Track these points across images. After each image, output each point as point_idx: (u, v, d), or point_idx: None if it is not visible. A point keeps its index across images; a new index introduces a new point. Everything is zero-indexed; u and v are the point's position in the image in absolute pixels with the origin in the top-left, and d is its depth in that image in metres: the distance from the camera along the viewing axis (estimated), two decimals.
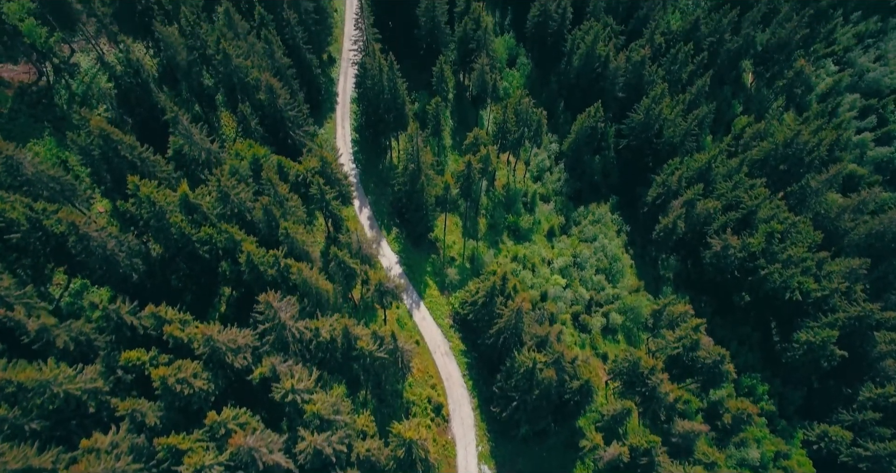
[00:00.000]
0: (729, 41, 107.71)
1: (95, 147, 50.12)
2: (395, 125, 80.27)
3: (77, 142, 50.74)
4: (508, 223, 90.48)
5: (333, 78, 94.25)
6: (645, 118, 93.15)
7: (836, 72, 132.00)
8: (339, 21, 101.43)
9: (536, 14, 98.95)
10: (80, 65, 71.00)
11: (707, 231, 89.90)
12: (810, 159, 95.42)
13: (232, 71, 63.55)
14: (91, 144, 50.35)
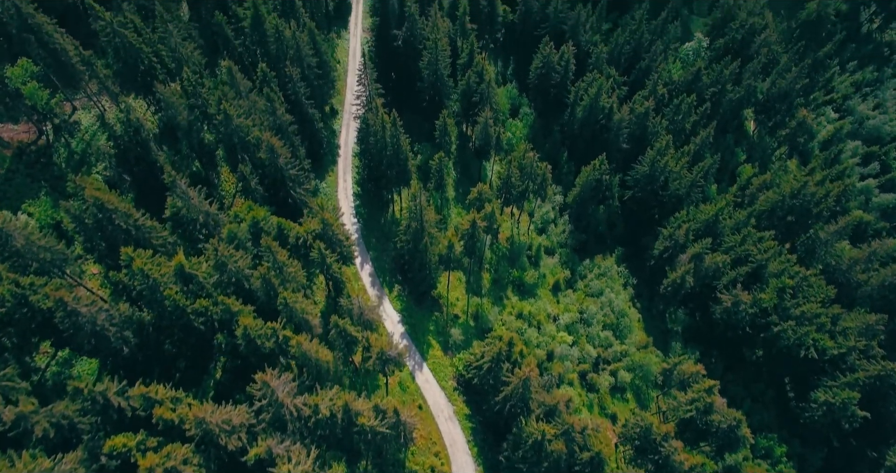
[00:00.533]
0: (731, 91, 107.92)
1: (89, 216, 48.58)
2: (397, 180, 79.15)
3: (70, 210, 49.24)
4: (513, 278, 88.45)
5: (336, 129, 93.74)
6: (650, 170, 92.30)
7: (836, 119, 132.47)
8: (342, 72, 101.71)
9: (539, 66, 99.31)
10: (81, 122, 70.32)
11: (716, 285, 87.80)
12: (818, 211, 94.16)
13: (233, 130, 62.68)
14: (85, 213, 48.83)
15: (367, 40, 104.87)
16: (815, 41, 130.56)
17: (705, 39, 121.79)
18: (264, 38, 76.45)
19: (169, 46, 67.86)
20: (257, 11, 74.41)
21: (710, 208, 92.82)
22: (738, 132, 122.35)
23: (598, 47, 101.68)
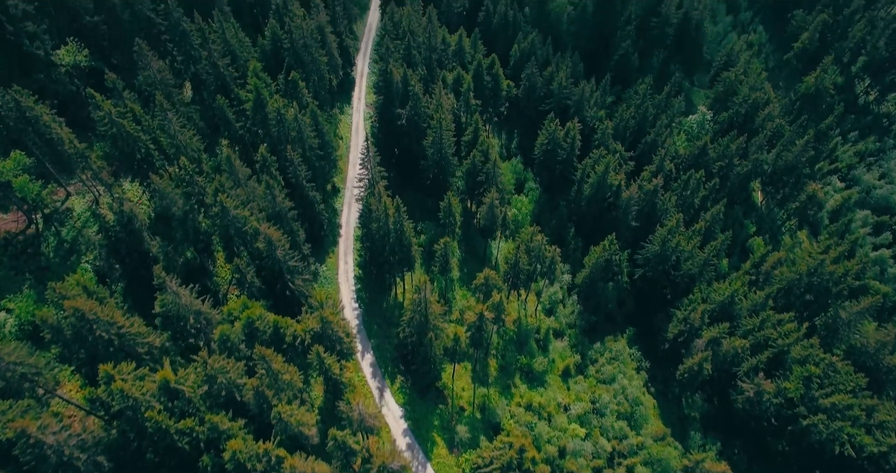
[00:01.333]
0: (738, 165, 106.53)
1: (68, 326, 44.93)
2: (400, 265, 75.98)
3: (47, 321, 45.64)
4: (521, 365, 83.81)
5: (337, 208, 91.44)
6: (661, 250, 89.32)
7: (842, 188, 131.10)
8: (345, 148, 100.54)
9: (544, 142, 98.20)
10: (74, 209, 67.80)
11: (736, 372, 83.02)
12: (838, 290, 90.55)
13: (229, 222, 59.95)
14: (63, 322, 45.21)
15: (370, 116, 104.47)
16: (816, 113, 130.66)
17: (709, 112, 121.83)
18: (266, 120, 75.12)
19: (168, 134, 66.21)
20: (259, 94, 73.36)
21: (725, 289, 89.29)
22: (746, 204, 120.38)
23: (604, 123, 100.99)
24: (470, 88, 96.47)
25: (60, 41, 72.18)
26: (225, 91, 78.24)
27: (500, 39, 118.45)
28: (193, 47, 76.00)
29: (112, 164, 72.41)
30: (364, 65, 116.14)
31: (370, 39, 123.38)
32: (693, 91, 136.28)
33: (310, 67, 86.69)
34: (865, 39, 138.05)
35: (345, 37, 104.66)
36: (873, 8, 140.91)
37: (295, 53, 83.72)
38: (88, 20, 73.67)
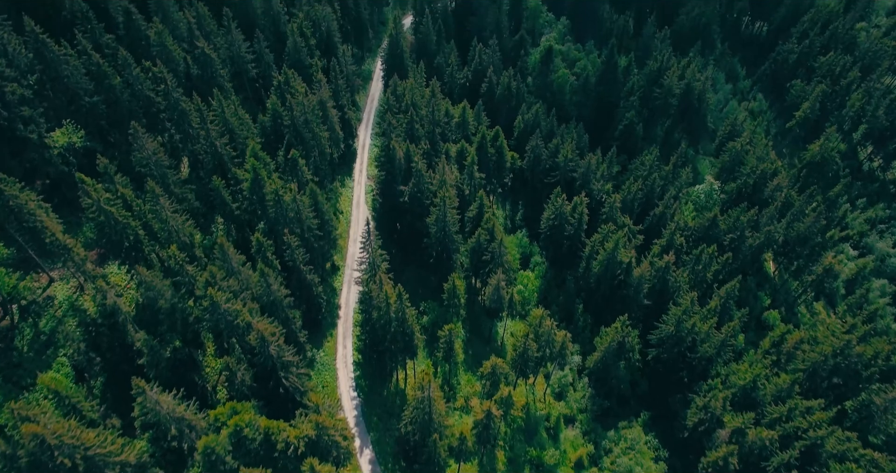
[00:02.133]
0: (750, 237, 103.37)
1: (24, 453, 39.97)
2: (402, 352, 71.32)
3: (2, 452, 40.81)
4: (531, 458, 77.67)
5: (336, 288, 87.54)
6: (676, 331, 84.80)
7: (856, 256, 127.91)
8: (345, 223, 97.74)
9: (551, 217, 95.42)
10: (56, 297, 63.88)
11: (766, 467, 76.67)
12: (868, 374, 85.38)
13: (220, 316, 55.94)
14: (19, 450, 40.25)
15: (372, 189, 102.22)
16: (823, 180, 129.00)
17: (716, 183, 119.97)
18: (263, 201, 72.39)
19: (160, 218, 63.20)
20: (257, 175, 70.89)
21: (746, 372, 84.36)
22: (758, 275, 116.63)
23: (612, 197, 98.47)
24: (474, 161, 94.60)
25: (56, 123, 70.50)
26: (222, 170, 75.96)
27: (504, 110, 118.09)
28: (192, 126, 74.29)
29: (100, 246, 69.05)
30: (366, 136, 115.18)
31: (373, 109, 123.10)
32: (698, 159, 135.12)
33: (310, 144, 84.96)
34: (864, 108, 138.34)
35: (347, 109, 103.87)
36: (868, 79, 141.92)
37: (295, 130, 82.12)
38: (87, 101, 72.21)
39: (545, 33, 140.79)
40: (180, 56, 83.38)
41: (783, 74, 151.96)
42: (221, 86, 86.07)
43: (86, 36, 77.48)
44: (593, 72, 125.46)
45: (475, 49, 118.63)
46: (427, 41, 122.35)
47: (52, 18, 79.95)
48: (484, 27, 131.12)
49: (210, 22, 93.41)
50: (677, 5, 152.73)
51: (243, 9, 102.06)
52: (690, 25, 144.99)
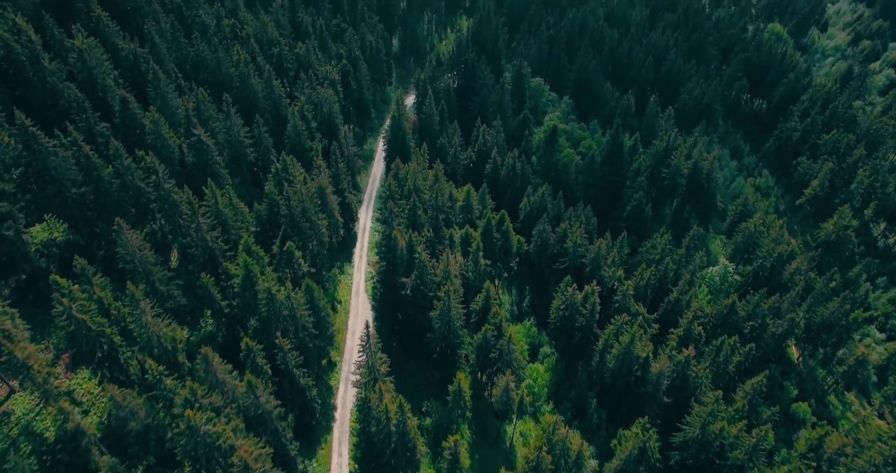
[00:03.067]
0: (772, 325, 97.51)
1: None
2: (403, 468, 64.02)
3: None
4: None
5: (332, 386, 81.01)
6: (702, 435, 77.45)
7: (883, 340, 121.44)
8: (343, 314, 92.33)
9: (561, 307, 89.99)
10: (14, 412, 57.52)
11: None
12: None
13: (199, 440, 49.57)
14: None
15: (372, 275, 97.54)
16: (840, 260, 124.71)
17: (731, 265, 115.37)
18: (255, 299, 67.40)
19: (139, 324, 57.98)
20: (249, 272, 66.31)
21: None
22: (781, 361, 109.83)
23: (624, 284, 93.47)
24: (479, 248, 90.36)
25: (38, 217, 66.73)
26: (213, 264, 71.47)
27: (508, 191, 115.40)
28: (182, 218, 70.45)
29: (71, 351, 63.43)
30: (367, 218, 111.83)
31: (374, 190, 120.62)
32: (709, 238, 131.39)
33: (307, 234, 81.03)
34: (873, 185, 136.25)
35: (347, 193, 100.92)
36: (874, 156, 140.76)
37: (292, 220, 78.41)
38: (74, 192, 68.82)
39: (548, 112, 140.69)
40: (176, 144, 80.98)
41: (787, 151, 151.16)
42: (217, 174, 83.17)
43: (80, 125, 75.58)
44: (598, 151, 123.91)
45: (479, 130, 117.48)
46: (430, 121, 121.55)
47: (48, 107, 78.25)
48: (487, 107, 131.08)
49: (210, 106, 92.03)
50: (677, 84, 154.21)
51: (244, 92, 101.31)
52: (693, 104, 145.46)
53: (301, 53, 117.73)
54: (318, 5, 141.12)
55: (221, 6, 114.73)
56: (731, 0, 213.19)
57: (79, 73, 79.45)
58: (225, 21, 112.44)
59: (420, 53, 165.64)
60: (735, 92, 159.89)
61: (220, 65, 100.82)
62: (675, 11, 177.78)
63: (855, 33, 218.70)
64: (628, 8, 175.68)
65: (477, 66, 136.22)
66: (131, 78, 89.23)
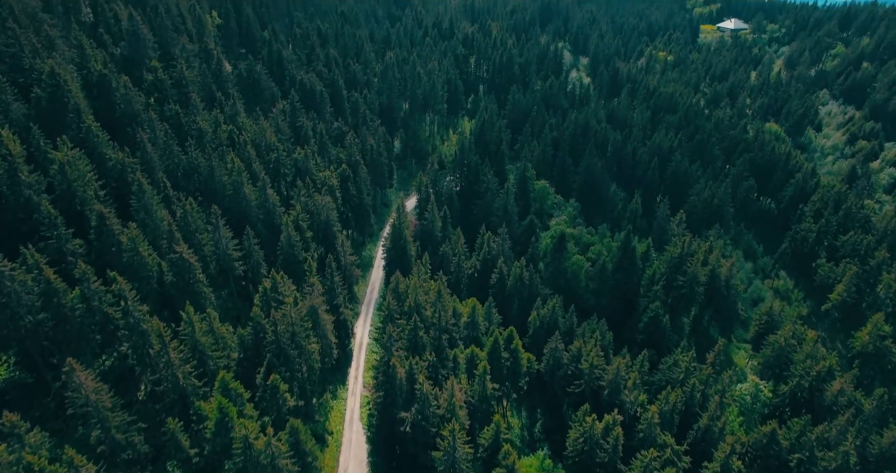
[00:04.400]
0: (822, 458, 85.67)
1: None
2: None
3: None
4: None
5: None
6: None
7: None
8: (335, 446, 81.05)
9: (579, 440, 79.22)
10: None
11: None
12: None
13: None
14: None
15: (368, 401, 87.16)
16: (882, 373, 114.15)
17: (762, 383, 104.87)
18: (229, 446, 57.43)
19: None
20: (224, 416, 56.90)
21: None
22: None
23: (648, 411, 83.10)
24: (486, 371, 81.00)
25: None
26: (184, 404, 62.09)
27: (516, 302, 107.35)
28: (152, 349, 62.03)
29: None
30: (364, 333, 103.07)
31: (372, 300, 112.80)
32: (732, 348, 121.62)
33: (296, 362, 72.18)
34: None
35: (343, 308, 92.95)
36: None
37: (279, 348, 69.96)
38: (30, 320, 60.92)
39: (555, 215, 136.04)
40: (154, 262, 74.24)
41: (804, 252, 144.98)
42: (198, 293, 75.75)
43: (51, 243, 69.29)
44: (609, 258, 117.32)
45: (483, 237, 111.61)
46: (432, 227, 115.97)
47: (20, 221, 72.51)
48: (491, 211, 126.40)
49: (197, 217, 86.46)
50: (684, 184, 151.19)
51: (236, 200, 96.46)
52: (703, 206, 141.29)
53: (299, 158, 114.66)
54: (320, 109, 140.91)
55: (221, 112, 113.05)
56: (727, 102, 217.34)
57: (58, 185, 74.43)
58: (223, 127, 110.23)
59: (422, 155, 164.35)
60: (743, 192, 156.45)
61: (214, 172, 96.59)
62: (675, 113, 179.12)
63: (850, 134, 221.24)
64: (629, 110, 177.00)
65: (480, 168, 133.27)
66: (116, 189, 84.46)
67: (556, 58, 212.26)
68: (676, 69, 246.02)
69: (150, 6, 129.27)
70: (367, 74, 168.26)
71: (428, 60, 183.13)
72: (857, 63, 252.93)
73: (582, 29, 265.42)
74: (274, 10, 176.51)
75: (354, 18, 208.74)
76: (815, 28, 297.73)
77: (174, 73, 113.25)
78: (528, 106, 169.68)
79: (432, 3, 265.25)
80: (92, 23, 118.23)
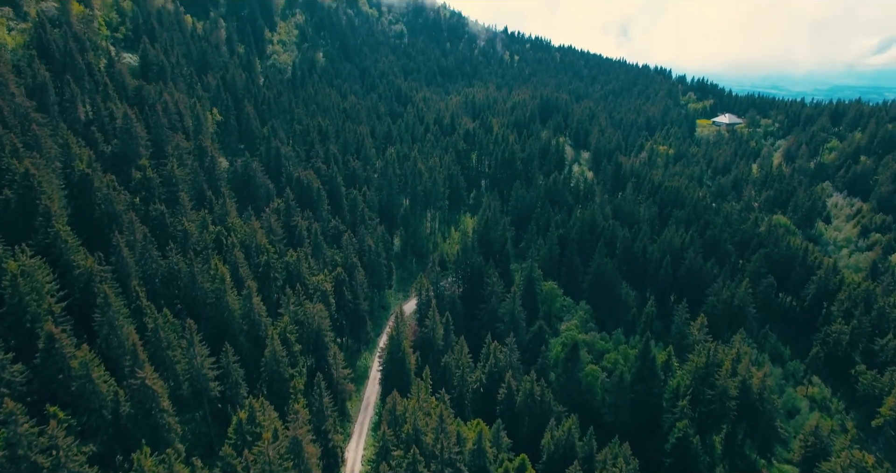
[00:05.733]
0: None
1: None
2: None
3: None
4: None
5: None
6: None
7: None
8: None
9: None
10: None
11: None
12: None
13: None
14: None
15: None
16: None
17: None
18: None
19: None
20: None
21: None
22: None
23: None
24: None
25: None
26: None
27: (526, 421, 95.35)
28: None
29: None
30: (357, 458, 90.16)
31: (367, 418, 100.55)
32: (775, 472, 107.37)
33: None
34: None
35: (333, 433, 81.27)
36: None
37: None
38: None
39: (564, 319, 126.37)
40: (110, 390, 64.10)
41: (837, 356, 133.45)
42: (161, 426, 64.91)
43: None
44: (627, 368, 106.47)
45: (489, 347, 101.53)
46: (433, 335, 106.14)
47: None
48: (497, 317, 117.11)
49: (171, 331, 77.32)
50: (700, 283, 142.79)
51: (218, 309, 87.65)
52: (723, 307, 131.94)
53: (291, 262, 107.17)
54: (316, 207, 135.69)
55: (209, 213, 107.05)
56: (733, 195, 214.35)
57: (8, 300, 65.86)
58: (210, 228, 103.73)
59: (423, 253, 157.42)
60: (763, 290, 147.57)
61: (195, 279, 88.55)
62: (682, 207, 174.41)
63: (861, 226, 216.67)
64: (635, 205, 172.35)
65: (484, 270, 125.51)
66: (81, 301, 75.89)
67: (558, 152, 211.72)
68: (679, 163, 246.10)
69: (148, 105, 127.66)
70: (366, 171, 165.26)
71: (429, 156, 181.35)
72: (855, 156, 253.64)
73: (582, 124, 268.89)
74: (276, 108, 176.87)
75: (356, 115, 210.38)
76: (808, 123, 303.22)
77: (164, 171, 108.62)
78: (532, 202, 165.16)
79: (433, 100, 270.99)
80: (87, 121, 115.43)
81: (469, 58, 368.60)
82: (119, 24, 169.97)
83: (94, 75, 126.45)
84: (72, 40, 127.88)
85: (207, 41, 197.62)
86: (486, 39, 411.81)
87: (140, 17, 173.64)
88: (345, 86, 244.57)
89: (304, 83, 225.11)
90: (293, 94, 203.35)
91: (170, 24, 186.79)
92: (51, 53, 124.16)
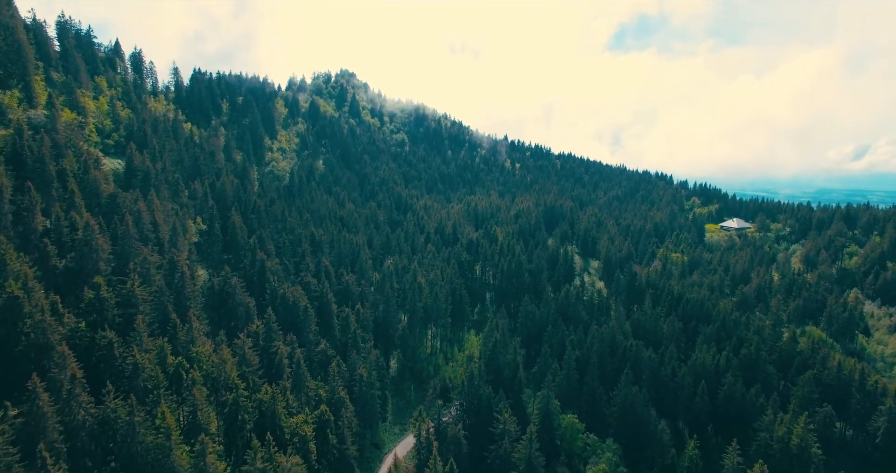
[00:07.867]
0: None
1: None
2: None
3: None
4: None
5: None
6: None
7: None
8: None
9: None
10: None
11: None
12: None
13: None
14: None
15: None
16: None
17: None
18: None
19: None
20: None
21: None
22: None
23: None
24: None
25: None
26: None
27: None
28: None
29: None
30: None
31: None
32: None
33: None
34: None
35: None
36: None
37: None
38: None
39: (590, 462, 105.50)
40: None
41: None
42: None
43: None
44: None
45: None
46: None
47: None
48: (510, 463, 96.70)
49: None
50: (742, 412, 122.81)
51: (160, 469, 68.94)
52: (781, 448, 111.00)
53: (265, 400, 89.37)
54: (302, 330, 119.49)
55: (167, 342, 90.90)
56: (760, 307, 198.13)
57: None
58: (169, 360, 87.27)
59: (422, 378, 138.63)
60: (820, 421, 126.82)
61: (135, 431, 70.78)
62: (709, 322, 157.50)
63: None
64: (656, 320, 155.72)
65: (493, 403, 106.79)
66: None
67: (567, 262, 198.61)
68: (697, 271, 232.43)
69: (118, 215, 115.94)
70: (361, 285, 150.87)
71: (430, 268, 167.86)
72: (881, 262, 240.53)
73: (589, 231, 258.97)
74: (266, 216, 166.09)
75: (353, 224, 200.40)
76: (820, 227, 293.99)
77: (123, 290, 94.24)
78: (544, 319, 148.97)
79: (434, 208, 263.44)
80: (42, 232, 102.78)
81: (470, 165, 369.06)
82: (112, 130, 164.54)
83: (64, 183, 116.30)
84: (47, 147, 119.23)
85: (202, 148, 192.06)
86: (487, 147, 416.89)
87: (135, 124, 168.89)
88: (343, 193, 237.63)
89: (301, 191, 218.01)
90: (288, 201, 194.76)
91: (165, 131, 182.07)
92: (23, 159, 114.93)
